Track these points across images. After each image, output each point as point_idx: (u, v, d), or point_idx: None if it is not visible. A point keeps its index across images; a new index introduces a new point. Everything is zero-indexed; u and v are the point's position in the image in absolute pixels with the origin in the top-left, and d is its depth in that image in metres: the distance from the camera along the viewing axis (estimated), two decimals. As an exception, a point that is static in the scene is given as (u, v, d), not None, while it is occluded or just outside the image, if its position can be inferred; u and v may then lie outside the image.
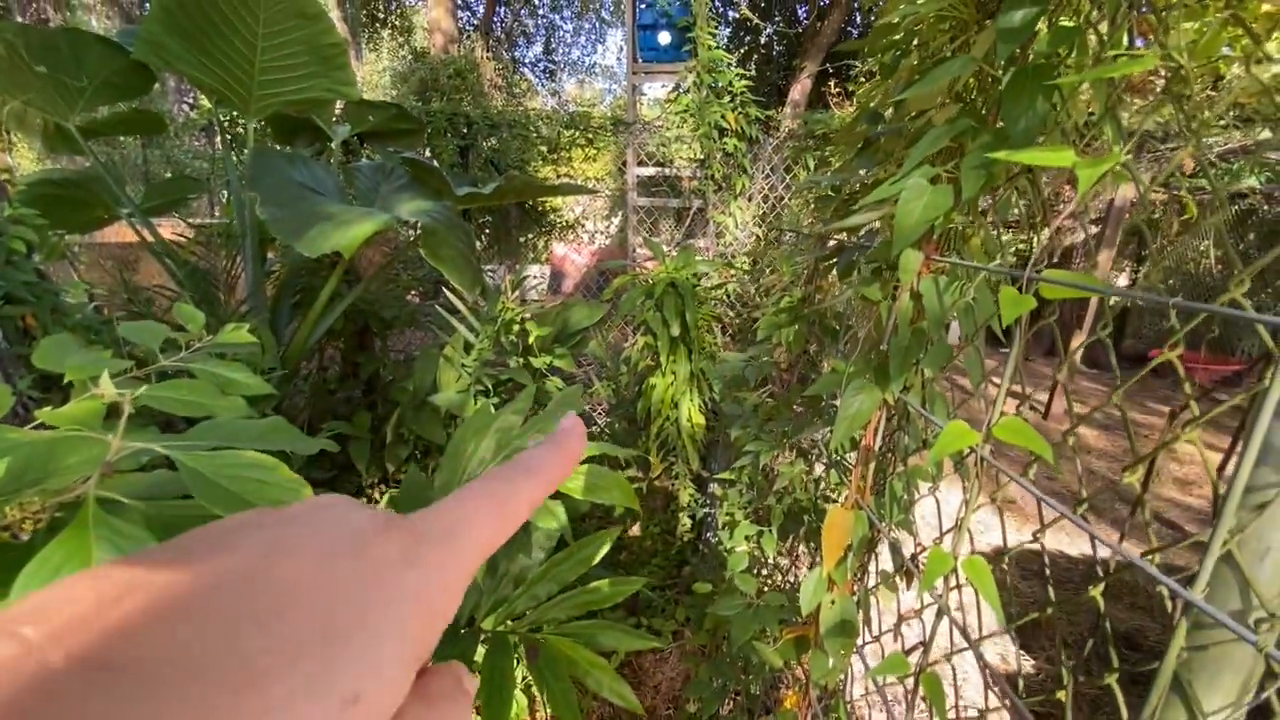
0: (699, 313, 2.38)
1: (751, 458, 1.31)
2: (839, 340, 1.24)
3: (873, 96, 1.75)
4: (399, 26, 11.72)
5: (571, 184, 3.49)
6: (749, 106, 3.21)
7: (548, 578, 1.32)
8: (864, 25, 11.63)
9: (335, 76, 2.36)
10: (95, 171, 2.55)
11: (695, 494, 2.73)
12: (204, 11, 2.06)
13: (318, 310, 2.53)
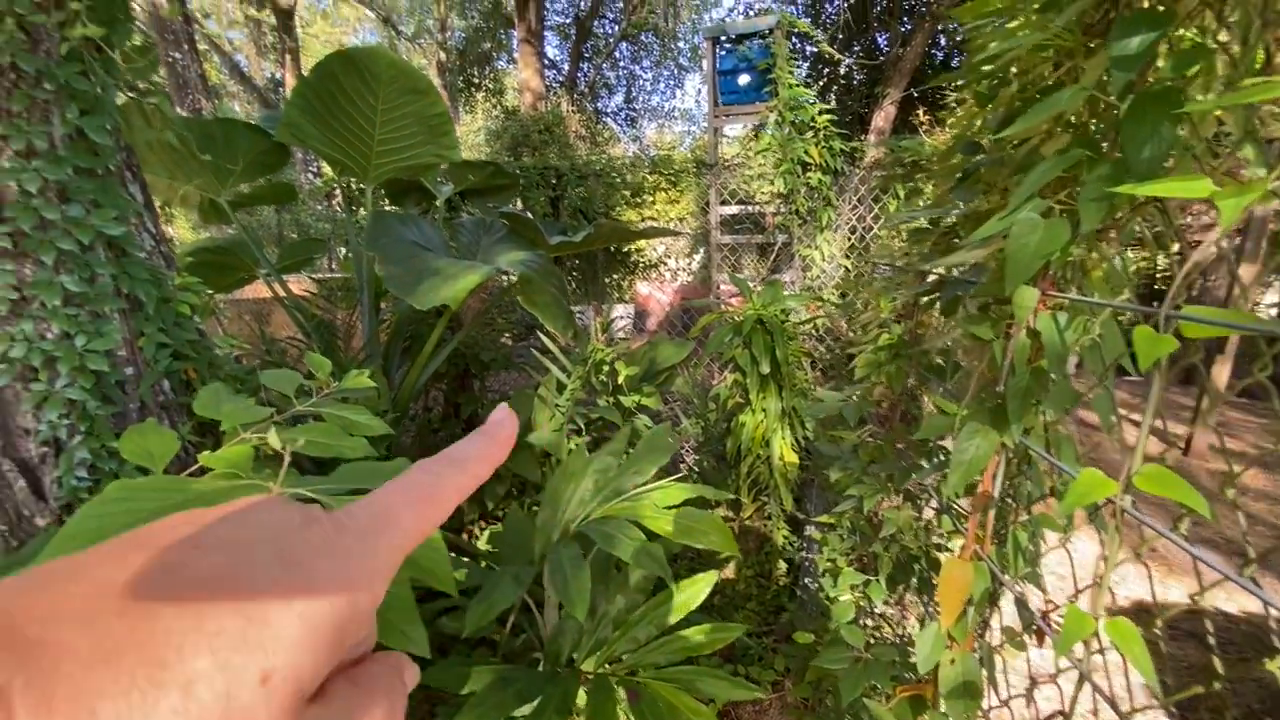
0: (789, 349, 2.35)
1: (854, 502, 1.27)
2: (945, 378, 1.19)
3: (967, 125, 1.71)
4: (491, 88, 12.64)
5: (657, 228, 3.58)
6: (833, 140, 3.19)
7: (646, 620, 1.32)
8: (949, 47, 11.32)
9: (441, 143, 2.58)
10: (240, 238, 2.90)
11: (790, 536, 2.65)
12: (333, 95, 2.33)
13: (425, 355, 2.71)
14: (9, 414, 1.29)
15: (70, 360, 1.31)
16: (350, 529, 0.21)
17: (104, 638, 0.15)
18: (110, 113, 1.41)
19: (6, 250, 1.27)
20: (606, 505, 1.32)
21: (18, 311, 1.29)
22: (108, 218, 1.38)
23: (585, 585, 1.11)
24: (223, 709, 0.16)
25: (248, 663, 0.17)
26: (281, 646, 0.17)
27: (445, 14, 12.67)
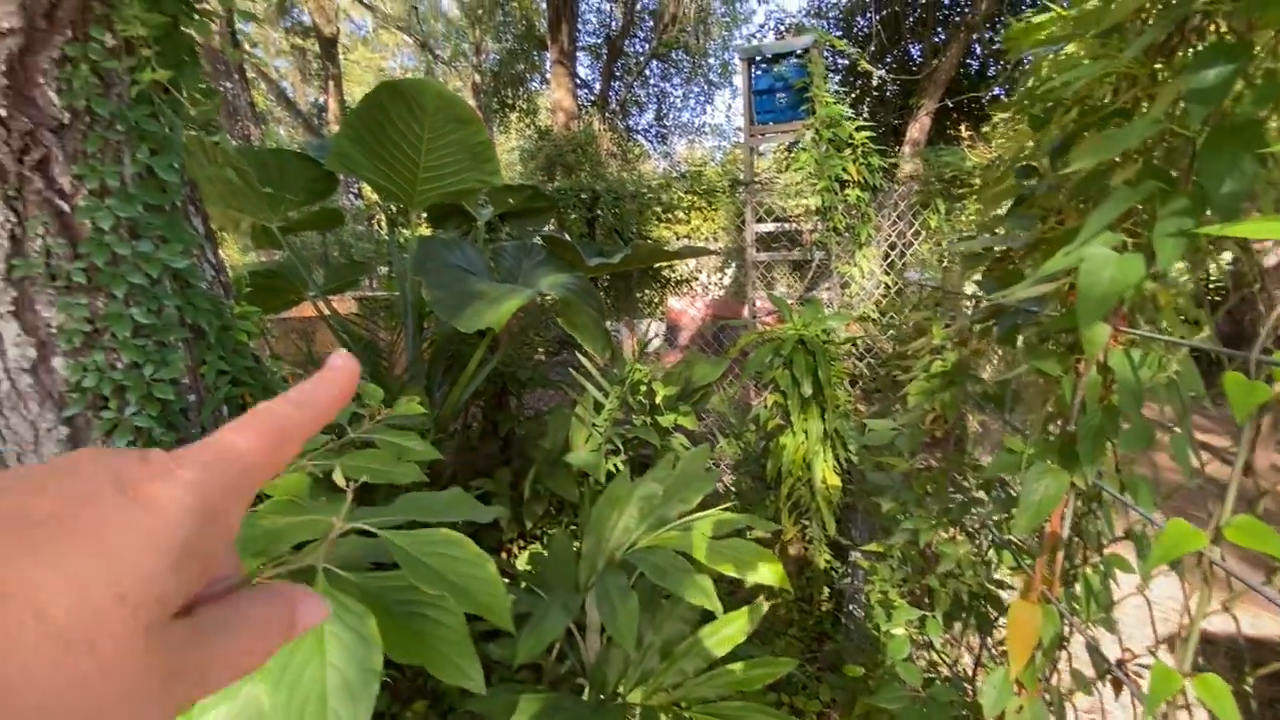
0: (831, 370, 2.32)
1: (908, 534, 1.23)
2: (1003, 408, 1.16)
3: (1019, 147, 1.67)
4: (525, 109, 12.89)
5: (693, 247, 3.59)
6: (871, 156, 3.16)
7: (694, 652, 1.31)
8: (984, 56, 11.14)
9: (483, 169, 2.64)
10: (290, 263, 3.00)
11: (832, 560, 2.59)
12: (381, 126, 2.40)
13: (467, 375, 2.75)
14: (81, 441, 1.35)
15: (138, 389, 1.37)
16: (187, 462, 0.21)
17: None
18: (177, 151, 1.48)
19: (81, 285, 1.33)
20: (653, 534, 1.31)
21: (90, 343, 1.35)
22: (174, 251, 1.44)
23: (634, 616, 1.10)
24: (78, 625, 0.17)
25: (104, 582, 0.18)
26: (129, 567, 0.18)
27: (480, 38, 13.01)
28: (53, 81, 1.25)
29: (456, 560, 0.84)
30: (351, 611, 0.76)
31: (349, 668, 0.73)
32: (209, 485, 0.21)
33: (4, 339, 1.27)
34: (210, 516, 0.21)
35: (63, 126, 1.27)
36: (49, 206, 1.28)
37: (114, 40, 1.31)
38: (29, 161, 1.24)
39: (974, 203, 3.24)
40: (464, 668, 0.85)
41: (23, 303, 1.27)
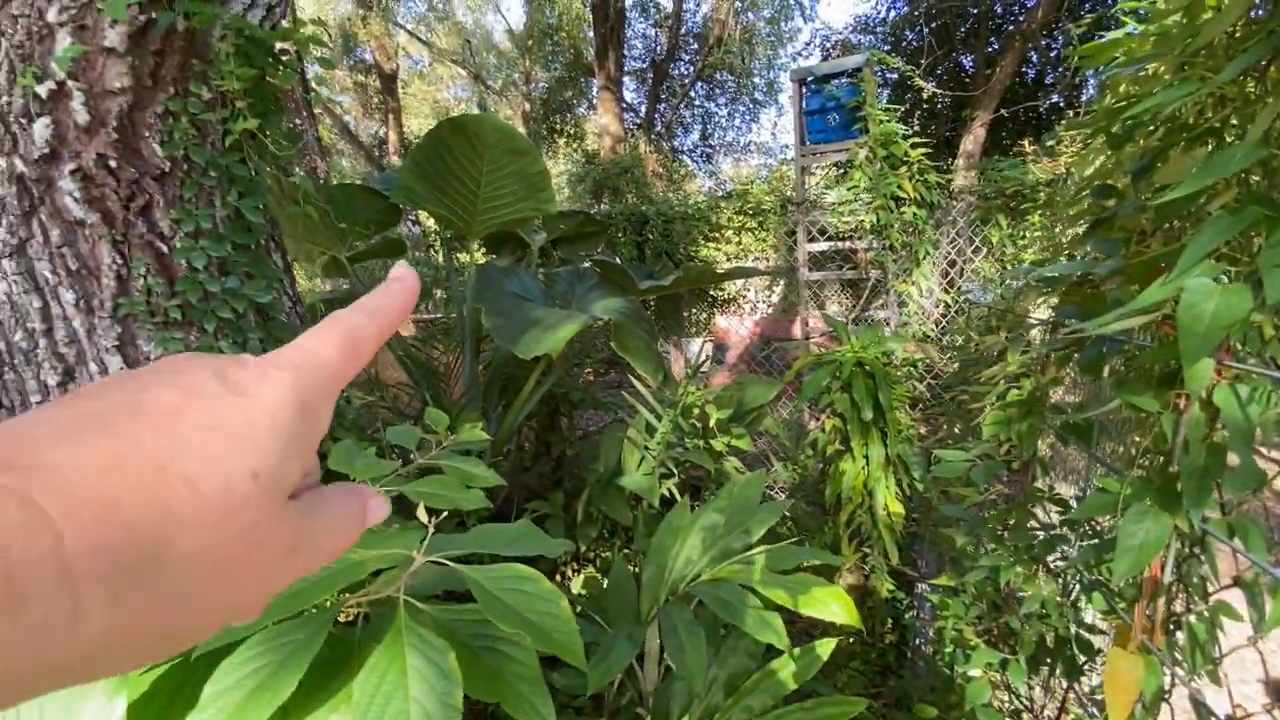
0: (892, 393, 2.26)
1: (985, 571, 1.18)
2: (1088, 441, 1.10)
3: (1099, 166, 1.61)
4: (573, 134, 13.20)
5: (743, 267, 3.58)
6: (928, 173, 3.09)
7: (761, 689, 1.27)
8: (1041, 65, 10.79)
9: (539, 197, 2.71)
10: (356, 290, 3.14)
11: (895, 591, 2.50)
12: (443, 159, 2.50)
13: (523, 398, 2.80)
14: (175, 467, 1.44)
15: (226, 418, 1.45)
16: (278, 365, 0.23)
17: (102, 454, 0.18)
18: (262, 193, 1.58)
19: (177, 320, 1.43)
20: (717, 567, 1.29)
21: (185, 374, 1.44)
22: (259, 287, 1.53)
23: (701, 651, 1.09)
24: (221, 494, 0.19)
25: (239, 463, 0.20)
26: (262, 450, 0.21)
27: (530, 67, 13.44)
28: (156, 134, 1.35)
29: (530, 597, 0.85)
30: (433, 646, 0.78)
31: (430, 702, 0.74)
32: (302, 384, 0.23)
33: (109, 372, 1.36)
34: (306, 411, 0.23)
35: (164, 174, 1.37)
36: (150, 249, 1.38)
37: (210, 94, 1.41)
38: (134, 208, 1.35)
39: (1038, 218, 3.12)
40: (538, 705, 0.85)
41: (126, 338, 1.37)
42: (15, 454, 0.17)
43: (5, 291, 1.28)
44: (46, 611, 0.16)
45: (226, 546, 0.19)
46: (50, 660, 0.17)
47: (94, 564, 0.17)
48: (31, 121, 1.22)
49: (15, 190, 1.25)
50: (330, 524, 0.24)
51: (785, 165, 11.05)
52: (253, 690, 0.75)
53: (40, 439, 0.18)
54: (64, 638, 0.16)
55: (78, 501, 0.17)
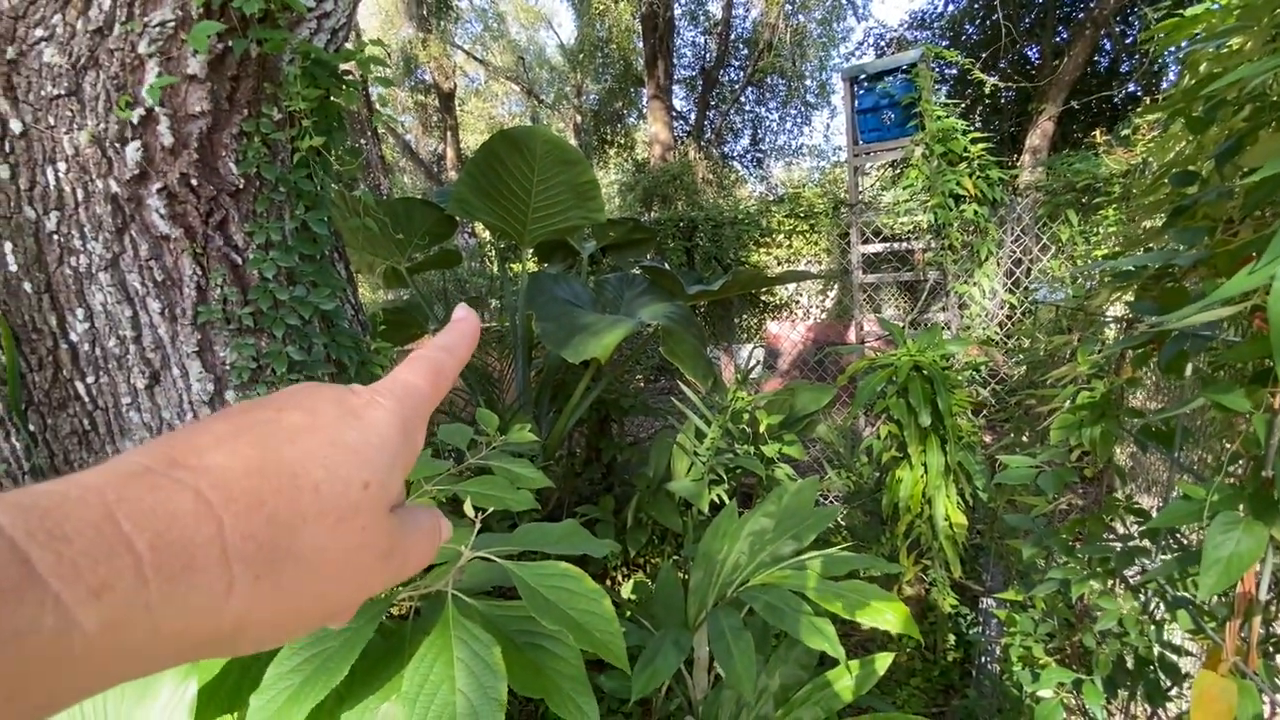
0: (952, 398, 2.16)
1: (1055, 585, 1.11)
2: (1169, 446, 1.02)
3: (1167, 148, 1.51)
4: (623, 144, 13.34)
5: (795, 271, 3.51)
6: (990, 169, 2.96)
7: (813, 701, 1.24)
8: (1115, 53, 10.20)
9: (588, 206, 2.74)
10: (415, 300, 3.25)
11: (958, 605, 2.38)
12: (496, 172, 2.57)
13: (573, 404, 2.84)
14: (247, 465, 1.52)
15: (293, 419, 1.53)
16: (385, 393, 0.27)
17: (250, 461, 0.21)
18: (327, 206, 1.66)
19: (249, 327, 1.52)
20: (766, 572, 1.27)
21: (255, 378, 1.53)
22: (323, 295, 1.61)
23: (751, 659, 1.06)
24: (340, 501, 0.22)
25: (354, 474, 0.23)
26: (372, 465, 0.24)
27: (581, 80, 13.69)
28: (231, 153, 1.45)
29: (574, 595, 0.85)
30: (479, 640, 0.79)
31: (476, 695, 0.76)
32: (403, 410, 0.27)
33: (190, 375, 1.46)
34: (407, 433, 0.26)
35: (238, 191, 1.47)
36: (226, 260, 1.48)
37: (279, 114, 1.50)
38: (212, 222, 1.44)
39: (1113, 212, 2.94)
40: (581, 703, 0.85)
41: (204, 344, 1.46)
42: (185, 456, 0.21)
43: (101, 302, 1.40)
44: (209, 584, 0.19)
45: (340, 544, 0.22)
46: (202, 628, 0.20)
47: (243, 549, 0.20)
48: (124, 145, 1.33)
49: (110, 209, 1.36)
50: (417, 536, 0.27)
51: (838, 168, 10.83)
52: (310, 675, 0.78)
53: (203, 446, 0.22)
54: (217, 608, 0.20)
55: (232, 497, 0.20)
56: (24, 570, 0.17)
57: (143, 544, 0.18)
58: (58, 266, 1.39)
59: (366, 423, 0.25)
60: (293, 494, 0.21)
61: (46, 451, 1.47)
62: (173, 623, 0.19)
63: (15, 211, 1.36)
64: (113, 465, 0.21)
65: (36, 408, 1.45)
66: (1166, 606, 1.06)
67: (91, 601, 0.17)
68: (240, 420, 0.23)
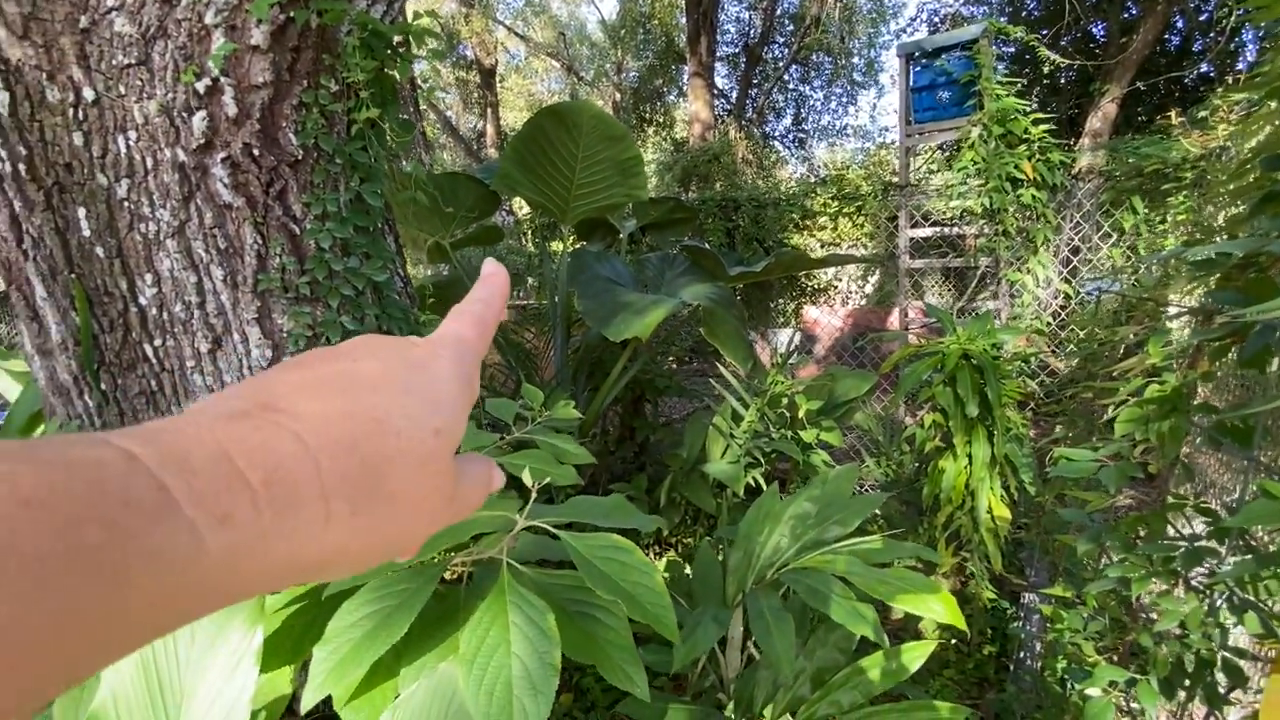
0: (1001, 389, 2.10)
1: (1111, 582, 1.08)
2: (1247, 443, 0.98)
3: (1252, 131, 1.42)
4: (662, 123, 13.18)
5: (839, 254, 3.44)
6: (1051, 152, 2.84)
7: (851, 684, 1.23)
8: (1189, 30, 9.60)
9: (631, 184, 2.73)
10: (456, 275, 3.29)
11: (997, 599, 2.34)
12: (541, 147, 2.57)
13: (610, 382, 2.85)
14: (302, 430, 1.58)
15: (346, 387, 1.57)
16: (442, 343, 0.28)
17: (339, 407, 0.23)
18: (380, 179, 1.68)
19: (306, 296, 1.56)
20: (808, 556, 1.26)
21: (310, 346, 1.57)
22: (375, 267, 1.64)
23: (790, 639, 1.06)
24: (418, 445, 0.24)
25: (429, 421, 0.25)
26: (441, 412, 0.25)
27: (622, 57, 13.53)
28: (291, 124, 1.47)
29: (626, 567, 0.86)
30: (534, 606, 0.81)
31: (531, 659, 0.77)
32: (461, 359, 0.28)
33: (249, 341, 1.51)
34: (465, 382, 0.28)
35: (297, 162, 1.50)
36: (285, 230, 1.51)
37: (337, 86, 1.52)
38: (272, 192, 1.48)
39: (1183, 198, 2.79)
40: (630, 673, 0.87)
41: (264, 311, 1.51)
42: (277, 401, 0.23)
43: (168, 268, 1.45)
44: (311, 517, 0.21)
45: (418, 485, 0.24)
46: (304, 555, 0.22)
47: (339, 486, 0.22)
48: (191, 115, 1.37)
49: (177, 177, 1.40)
50: (473, 482, 0.29)
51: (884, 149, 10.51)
52: (370, 630, 0.81)
53: (291, 392, 0.23)
54: (317, 538, 0.22)
55: (327, 440, 0.22)
56: (162, 496, 0.18)
57: (256, 480, 0.20)
58: (128, 232, 1.44)
59: (431, 373, 0.26)
60: (379, 439, 0.23)
61: (116, 410, 1.54)
62: (280, 551, 0.21)
63: (89, 178, 1.41)
64: (208, 408, 0.22)
65: (108, 368, 1.52)
66: (1232, 609, 1.02)
67: (218, 528, 0.19)
68: (321, 369, 0.25)
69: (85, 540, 0.17)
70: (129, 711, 0.76)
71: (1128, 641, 1.19)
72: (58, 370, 1.53)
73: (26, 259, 1.45)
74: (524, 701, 0.74)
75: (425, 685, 0.80)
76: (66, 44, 1.32)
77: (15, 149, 1.36)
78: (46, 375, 1.56)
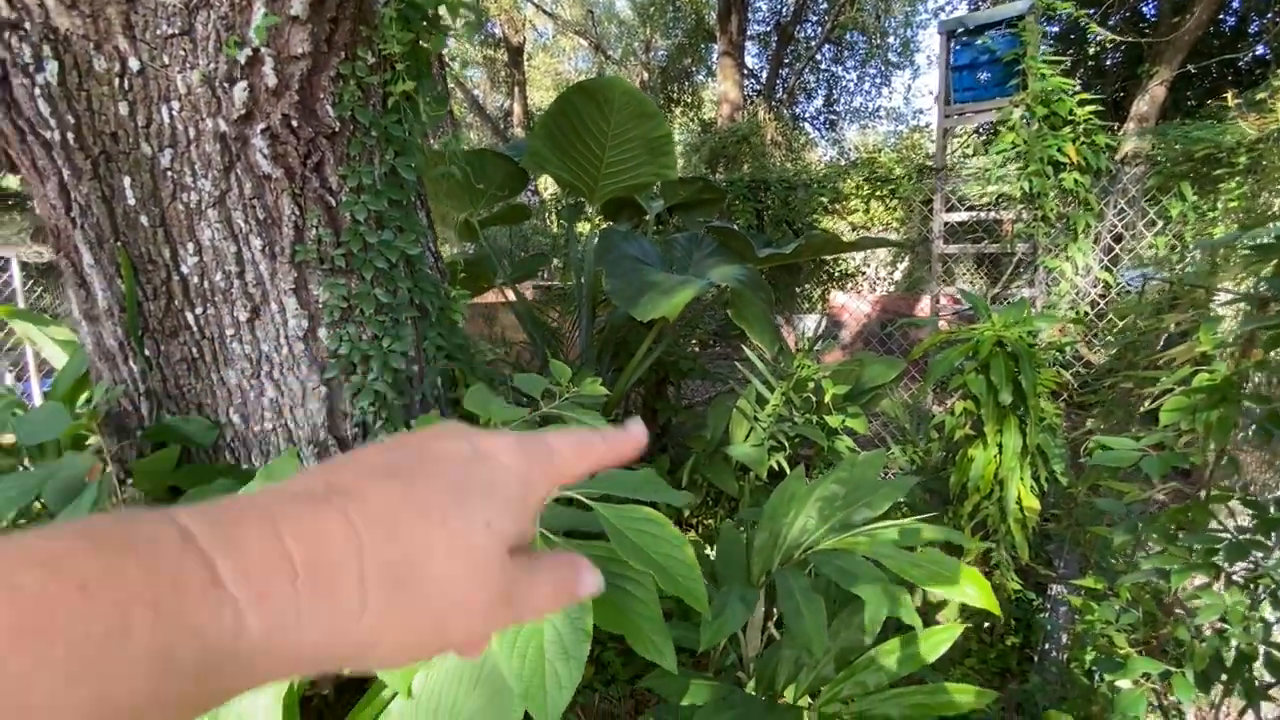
0: (1037, 377, 2.06)
1: (1150, 574, 1.06)
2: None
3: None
4: (689, 103, 12.99)
5: (871, 237, 3.38)
6: (1096, 135, 2.74)
7: (874, 666, 1.23)
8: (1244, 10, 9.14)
9: (661, 163, 2.70)
10: (484, 253, 3.31)
11: (1022, 590, 2.31)
12: (571, 124, 2.55)
13: (635, 363, 2.85)
14: (336, 399, 1.61)
15: (379, 358, 1.59)
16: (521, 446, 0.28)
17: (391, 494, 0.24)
18: (414, 153, 1.69)
19: (341, 268, 1.58)
20: (836, 537, 1.26)
21: (345, 318, 1.59)
22: (409, 240, 1.65)
23: (822, 618, 1.06)
24: (465, 537, 0.24)
25: (478, 514, 0.25)
26: (494, 507, 0.25)
27: (650, 35, 13.33)
28: (329, 96, 1.48)
29: (657, 539, 0.87)
30: (566, 573, 0.81)
31: (563, 625, 0.78)
32: (532, 464, 0.28)
33: (286, 311, 1.54)
34: (530, 486, 0.28)
35: (334, 134, 1.51)
36: (321, 202, 1.53)
37: (374, 58, 1.52)
38: (310, 164, 1.49)
39: (1236, 185, 2.68)
40: (659, 644, 0.88)
41: (300, 282, 1.53)
42: (341, 483, 0.24)
43: (209, 237, 1.48)
44: (346, 602, 0.21)
45: (461, 578, 0.24)
46: (337, 642, 0.22)
47: (378, 575, 0.22)
48: (232, 85, 1.38)
49: (219, 148, 1.42)
50: (540, 585, 0.28)
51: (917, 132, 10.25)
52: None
53: (357, 475, 0.24)
54: (351, 626, 0.22)
55: (373, 524, 0.23)
56: (209, 574, 0.19)
57: (299, 558, 0.21)
58: (171, 201, 1.47)
59: (496, 465, 0.27)
60: (424, 526, 0.23)
61: (160, 376, 1.59)
62: (313, 634, 0.21)
63: (134, 148, 1.44)
64: (289, 485, 0.24)
65: (151, 334, 1.56)
66: (1275, 603, 1.00)
67: (256, 605, 0.20)
68: (391, 454, 0.26)
69: (132, 623, 0.18)
70: None
71: (1161, 635, 1.17)
72: (104, 336, 1.58)
73: (75, 226, 1.49)
74: (556, 666, 0.76)
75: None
76: (113, 13, 1.34)
77: (64, 117, 1.39)
78: (93, 341, 1.60)
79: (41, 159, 1.44)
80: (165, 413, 1.60)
